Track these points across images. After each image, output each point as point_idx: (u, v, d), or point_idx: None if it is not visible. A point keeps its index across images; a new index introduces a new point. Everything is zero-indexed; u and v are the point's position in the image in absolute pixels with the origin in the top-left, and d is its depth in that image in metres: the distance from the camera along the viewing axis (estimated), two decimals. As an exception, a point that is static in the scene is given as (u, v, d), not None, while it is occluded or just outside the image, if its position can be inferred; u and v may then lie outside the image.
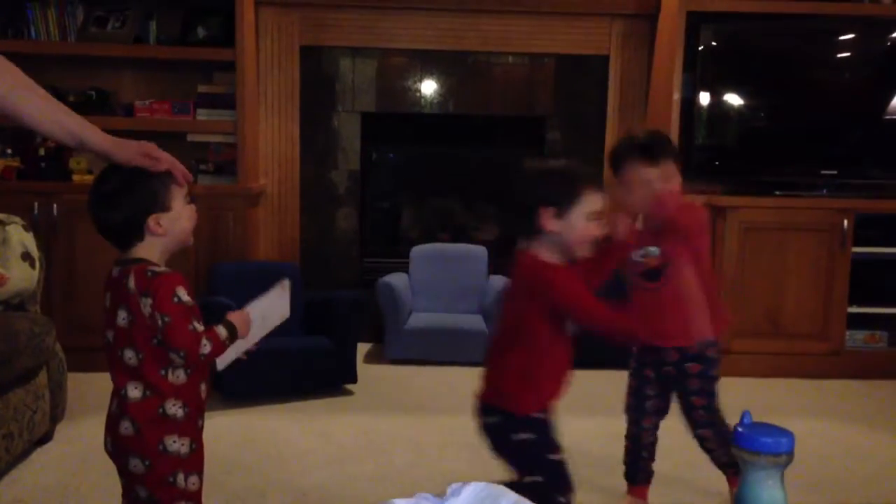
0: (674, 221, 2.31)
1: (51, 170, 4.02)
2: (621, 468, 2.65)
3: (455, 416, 3.43)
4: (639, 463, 2.59)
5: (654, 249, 2.41)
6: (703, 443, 2.52)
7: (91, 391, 3.36)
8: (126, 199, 1.71)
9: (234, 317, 1.79)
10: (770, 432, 1.06)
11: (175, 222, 1.75)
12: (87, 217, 4.05)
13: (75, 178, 4.02)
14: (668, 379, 2.49)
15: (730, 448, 2.40)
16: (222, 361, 1.85)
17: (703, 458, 2.56)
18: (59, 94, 4.10)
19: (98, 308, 1.81)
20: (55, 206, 3.88)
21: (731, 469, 2.49)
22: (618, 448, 2.66)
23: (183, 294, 1.68)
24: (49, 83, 4.14)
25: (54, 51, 4.11)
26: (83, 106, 4.05)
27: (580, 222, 1.91)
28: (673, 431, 2.58)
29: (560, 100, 4.66)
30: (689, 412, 2.50)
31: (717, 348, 2.48)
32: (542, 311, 1.93)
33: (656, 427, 2.58)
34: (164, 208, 1.73)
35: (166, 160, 1.74)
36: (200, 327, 1.69)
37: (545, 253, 1.95)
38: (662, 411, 2.56)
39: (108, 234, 1.75)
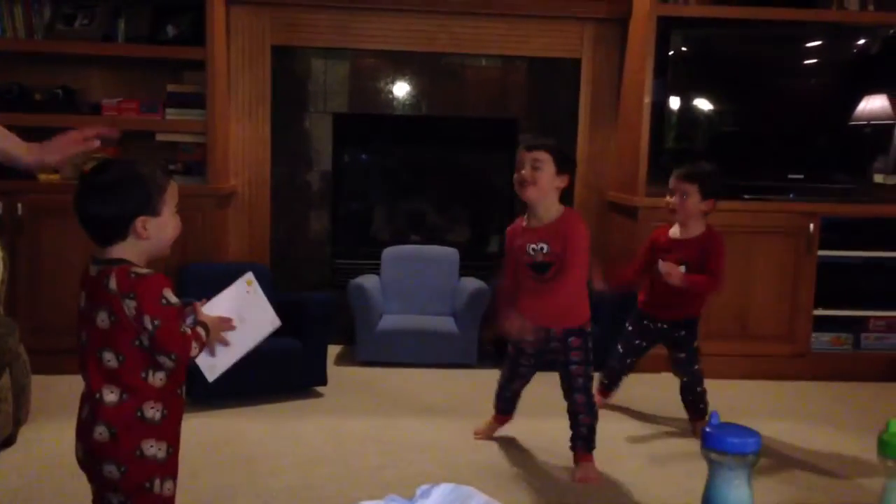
0: None
1: (16, 169, 3.95)
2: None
3: (425, 418, 3.43)
4: (502, 401, 3.18)
5: (544, 245, 2.84)
6: (574, 406, 2.92)
7: (56, 394, 3.31)
8: (119, 195, 1.68)
9: (207, 318, 1.78)
10: (737, 432, 1.07)
11: (161, 229, 1.73)
12: (52, 217, 3.99)
13: (41, 177, 3.96)
14: (551, 353, 2.93)
15: (594, 423, 2.88)
16: (213, 372, 1.84)
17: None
18: (26, 93, 4.05)
19: (64, 309, 1.79)
20: (20, 205, 3.82)
21: (585, 445, 2.90)
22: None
23: (170, 296, 1.67)
24: (15, 81, 4.09)
25: (21, 48, 4.05)
26: (50, 104, 4.00)
27: None
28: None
29: (532, 102, 4.68)
30: (568, 379, 2.92)
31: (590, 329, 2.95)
32: None
33: (522, 385, 3.13)
34: (154, 213, 1.71)
35: (91, 132, 1.72)
36: (188, 329, 1.69)
37: None
38: (528, 377, 3.10)
39: (90, 227, 1.71)
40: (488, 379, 4.06)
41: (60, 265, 3.75)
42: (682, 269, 3.16)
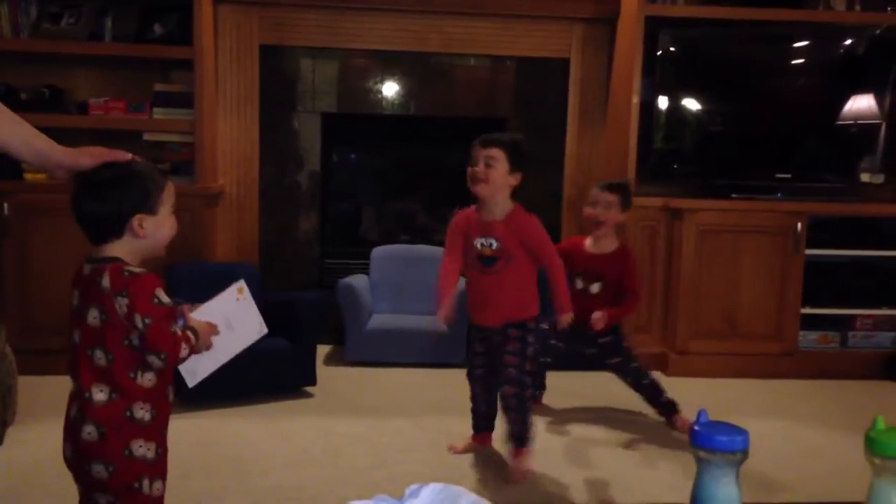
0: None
1: (2, 168, 3.93)
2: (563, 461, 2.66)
3: (414, 417, 3.43)
4: (476, 417, 3.08)
5: (493, 241, 2.84)
6: (503, 400, 2.90)
7: (44, 395, 3.29)
8: (117, 192, 1.68)
9: (196, 324, 1.77)
10: (725, 430, 1.07)
11: (158, 228, 1.73)
12: (40, 217, 3.97)
13: (27, 177, 3.94)
14: (496, 349, 2.91)
15: (525, 417, 2.83)
16: (194, 377, 1.83)
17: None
18: (12, 92, 4.02)
19: (52, 310, 1.78)
20: (6, 205, 3.80)
21: (517, 442, 2.87)
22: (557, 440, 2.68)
23: (162, 296, 1.66)
24: (1, 80, 4.07)
25: (7, 47, 4.02)
26: (36, 104, 3.97)
27: None
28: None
29: (521, 102, 4.68)
30: (500, 368, 2.89)
31: (537, 324, 2.93)
32: None
33: (488, 390, 3.03)
34: (152, 211, 1.71)
35: (123, 155, 1.72)
36: (179, 330, 1.68)
37: None
38: (491, 377, 2.99)
39: (86, 225, 1.70)
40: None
41: (48, 265, 3.73)
42: (598, 286, 3.31)
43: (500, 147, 2.83)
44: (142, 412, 1.67)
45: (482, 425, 3.09)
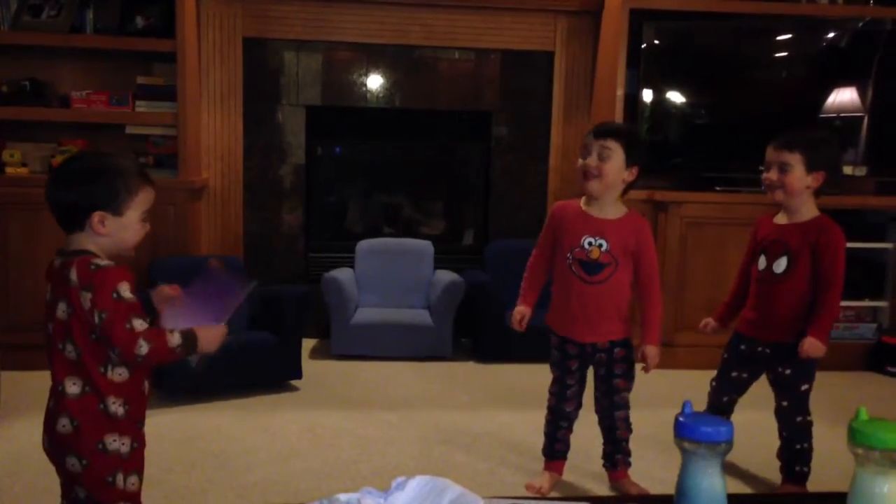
0: None
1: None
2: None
3: (400, 411, 3.43)
4: (560, 443, 2.74)
5: (603, 242, 2.51)
6: (612, 422, 2.68)
7: (26, 389, 3.27)
8: (83, 184, 1.66)
9: (201, 330, 1.70)
10: (710, 422, 1.08)
11: (120, 230, 1.69)
12: (19, 211, 3.93)
13: (8, 170, 3.90)
14: (594, 365, 2.65)
15: (630, 432, 2.66)
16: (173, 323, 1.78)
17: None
18: (-8, 84, 3.98)
19: (33, 305, 1.77)
20: (-14, 199, 3.76)
21: (623, 457, 2.72)
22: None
23: (124, 290, 1.62)
24: (-20, 72, 4.03)
25: (-14, 39, 3.98)
26: (17, 97, 3.93)
27: None
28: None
29: (506, 95, 4.68)
30: (610, 394, 2.65)
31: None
32: None
33: (577, 408, 2.73)
34: (116, 211, 1.68)
35: None
36: (140, 326, 1.61)
37: None
38: (581, 395, 2.72)
39: (53, 212, 1.70)
40: (463, 372, 4.08)
41: (28, 260, 3.70)
42: (784, 262, 2.62)
43: (616, 138, 2.50)
44: (115, 406, 1.66)
45: (563, 451, 2.76)
